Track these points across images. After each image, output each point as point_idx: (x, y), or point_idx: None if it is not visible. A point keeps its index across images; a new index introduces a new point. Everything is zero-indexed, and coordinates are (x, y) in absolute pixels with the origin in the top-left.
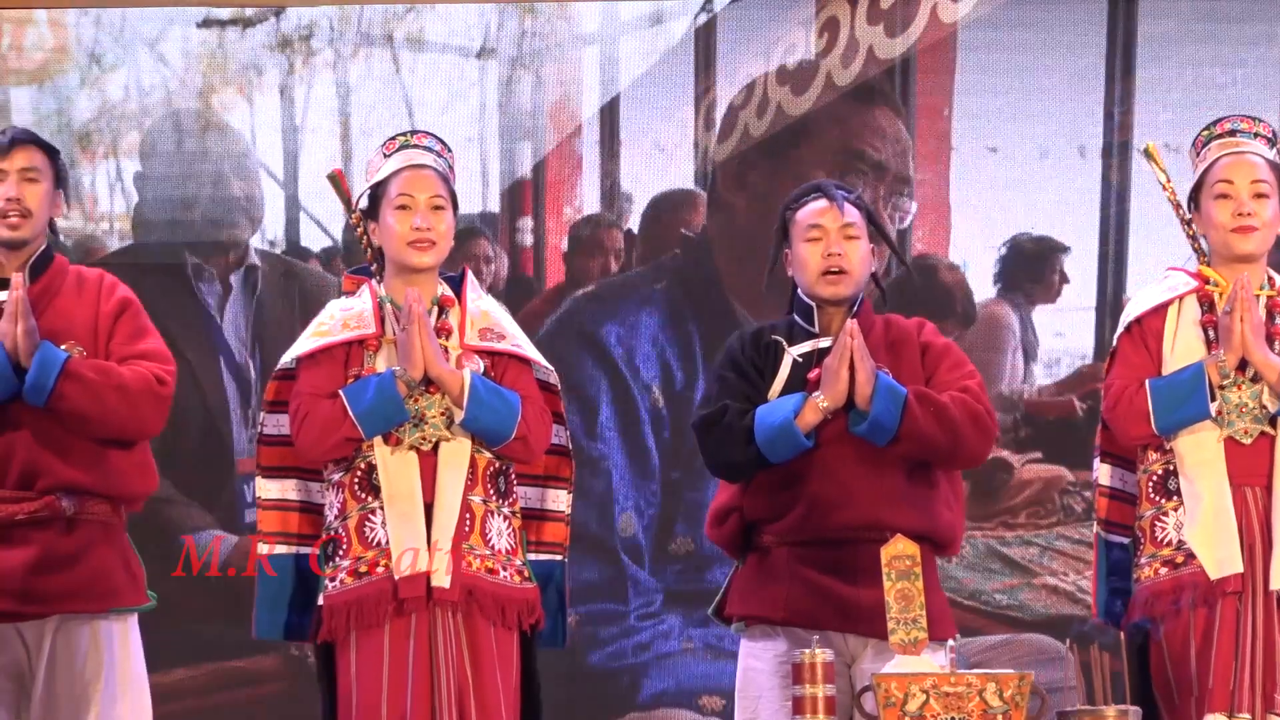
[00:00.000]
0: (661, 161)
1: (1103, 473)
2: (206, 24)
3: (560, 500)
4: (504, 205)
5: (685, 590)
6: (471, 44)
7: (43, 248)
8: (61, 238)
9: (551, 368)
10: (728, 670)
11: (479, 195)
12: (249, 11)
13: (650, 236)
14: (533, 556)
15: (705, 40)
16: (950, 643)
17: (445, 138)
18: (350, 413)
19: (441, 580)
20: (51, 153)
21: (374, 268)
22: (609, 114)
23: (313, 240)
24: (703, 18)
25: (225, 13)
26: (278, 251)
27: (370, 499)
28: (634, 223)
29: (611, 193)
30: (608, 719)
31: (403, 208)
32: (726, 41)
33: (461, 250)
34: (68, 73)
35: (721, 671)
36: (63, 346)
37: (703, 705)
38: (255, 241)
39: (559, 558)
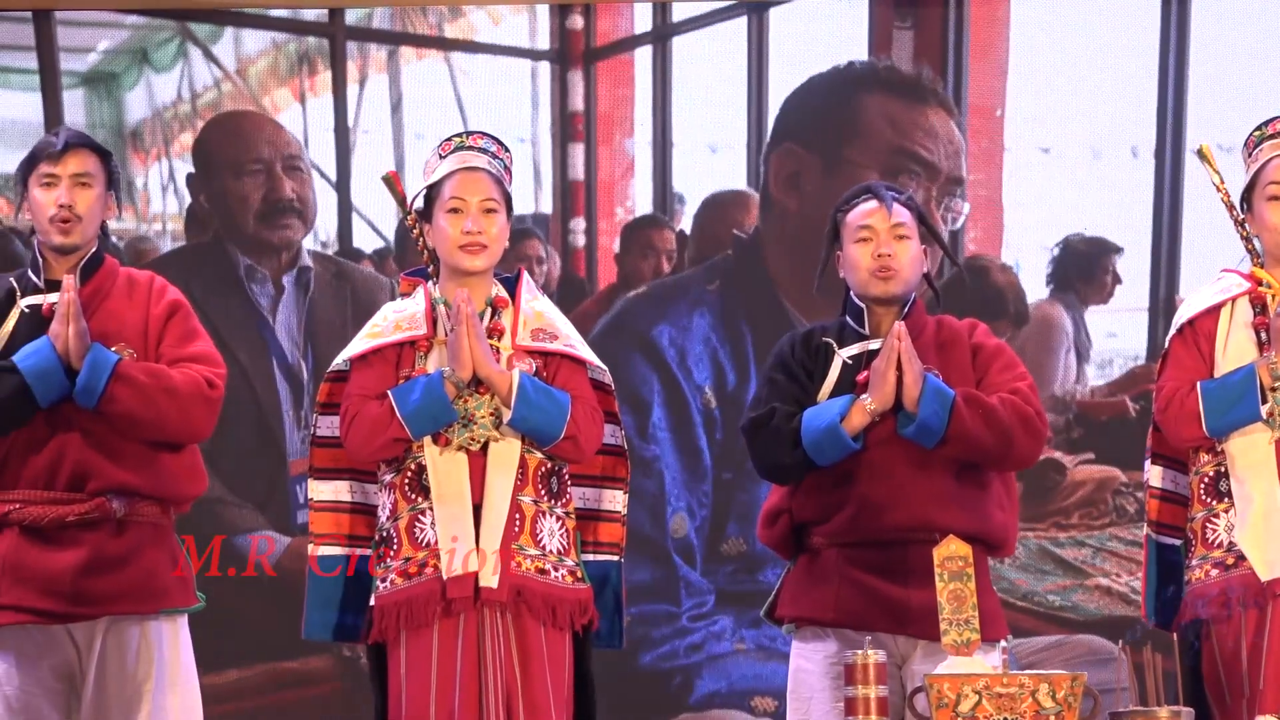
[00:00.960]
0: (713, 162)
1: (1154, 474)
2: (259, 24)
3: (616, 501)
4: (556, 206)
5: (737, 591)
6: (525, 44)
7: (94, 250)
8: (114, 239)
9: (605, 368)
10: (780, 671)
11: (531, 196)
12: (303, 12)
13: (702, 237)
14: (588, 557)
15: (758, 40)
16: (1003, 643)
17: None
18: (398, 413)
19: (489, 580)
20: (104, 156)
21: (430, 269)
22: (661, 114)
23: (365, 241)
24: (756, 18)
25: (279, 13)
26: (330, 252)
27: (420, 499)
28: (686, 223)
29: (663, 193)
30: (660, 719)
31: (455, 210)
32: (780, 41)
33: (514, 251)
34: (120, 74)
35: (774, 672)
36: (113, 349)
37: (755, 706)
38: (308, 243)
39: (615, 558)
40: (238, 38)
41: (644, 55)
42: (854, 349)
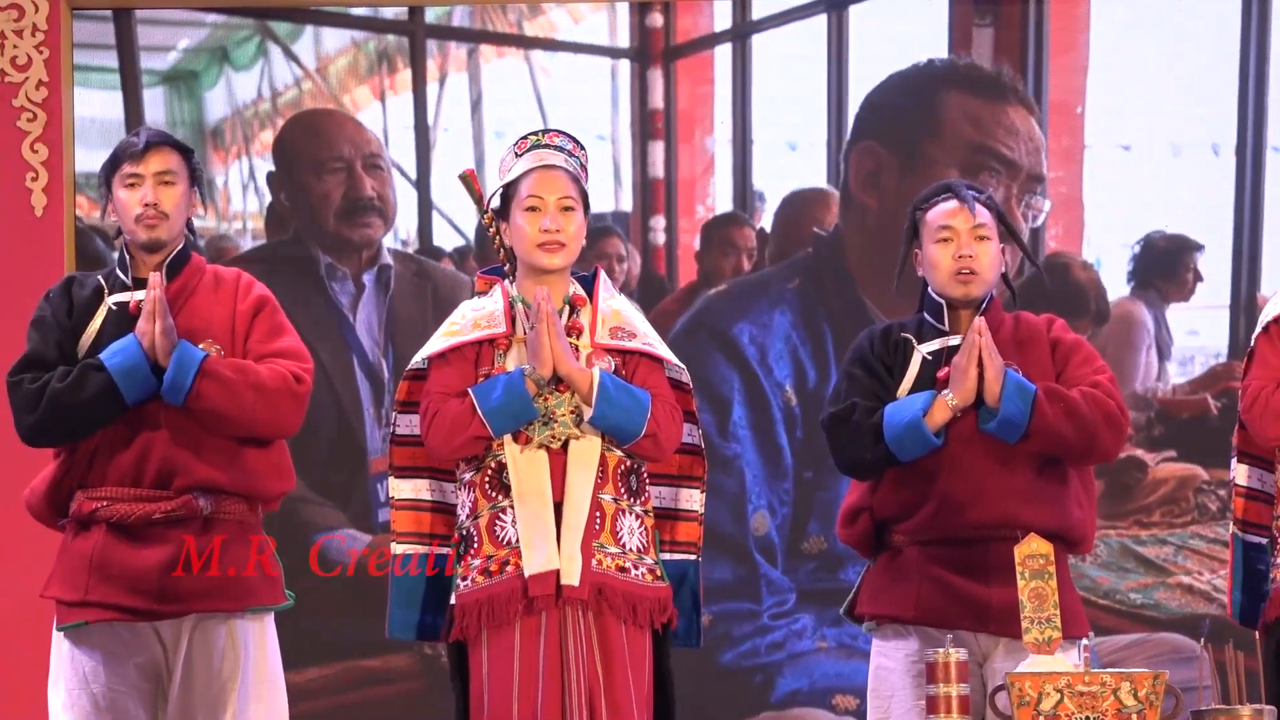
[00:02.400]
0: (793, 159)
1: (1240, 473)
2: (339, 23)
3: (694, 500)
4: (636, 204)
5: (818, 589)
6: (605, 42)
7: (180, 247)
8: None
9: (683, 366)
10: (861, 669)
11: (611, 194)
12: (383, 11)
13: (782, 235)
14: (666, 556)
15: (838, 37)
16: (1084, 641)
17: (578, 136)
18: (478, 411)
19: (571, 578)
20: (187, 154)
21: (506, 268)
22: (741, 112)
23: (445, 239)
24: (835, 15)
25: (359, 12)
26: (410, 251)
27: (501, 498)
28: (766, 221)
29: (744, 191)
30: (741, 718)
31: (532, 209)
32: (859, 38)
33: (594, 249)
34: (200, 72)
35: (856, 671)
36: (200, 345)
37: (836, 704)
38: (388, 241)
39: (693, 557)
40: (317, 36)
41: (724, 53)
42: (934, 344)
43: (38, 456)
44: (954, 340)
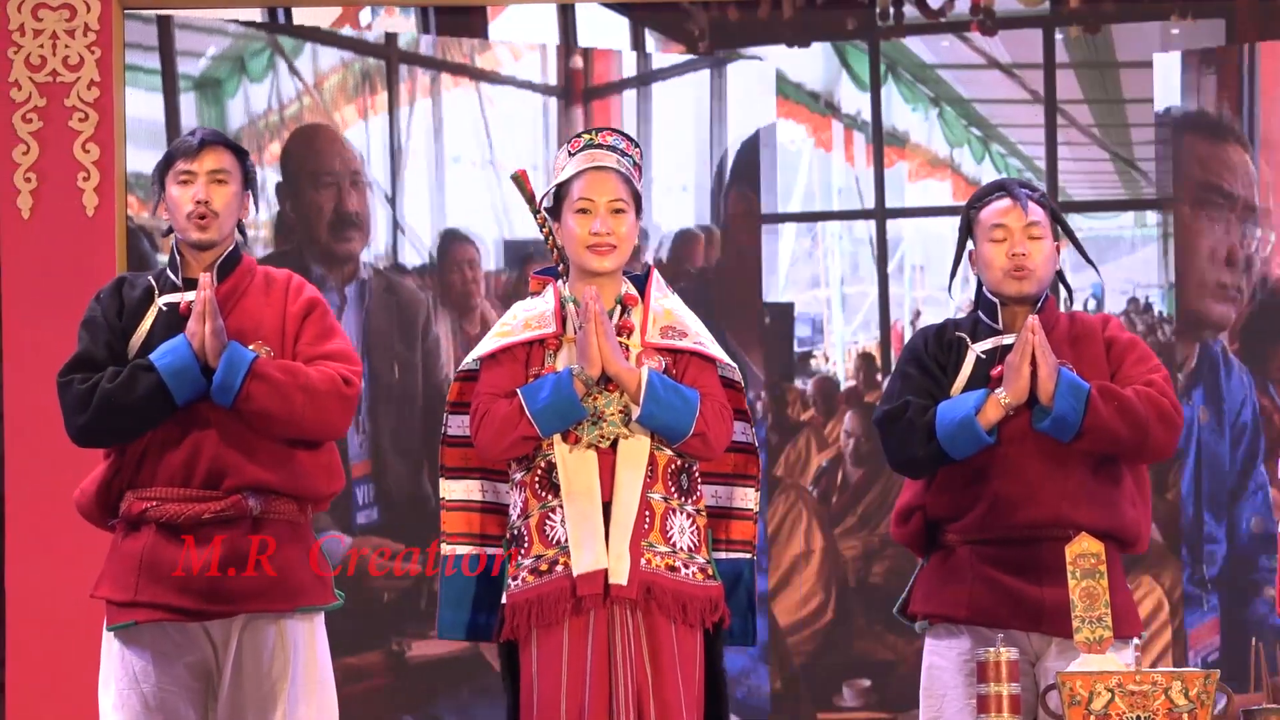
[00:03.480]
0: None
1: None
2: (330, 41)
3: (748, 498)
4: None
5: None
6: (538, 79)
7: (230, 248)
8: None
9: (735, 365)
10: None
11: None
12: (366, 34)
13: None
14: (720, 555)
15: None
16: (1136, 641)
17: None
18: (527, 411)
19: (619, 578)
20: (241, 155)
21: (560, 268)
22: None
23: (410, 257)
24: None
25: (347, 30)
26: (382, 266)
27: (550, 497)
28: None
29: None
30: (815, 713)
31: (583, 211)
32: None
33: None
34: (224, 80)
35: None
36: (250, 346)
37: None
38: (365, 256)
39: (747, 556)
40: (315, 53)
41: (630, 97)
42: (987, 343)
43: (88, 457)
44: (1008, 339)
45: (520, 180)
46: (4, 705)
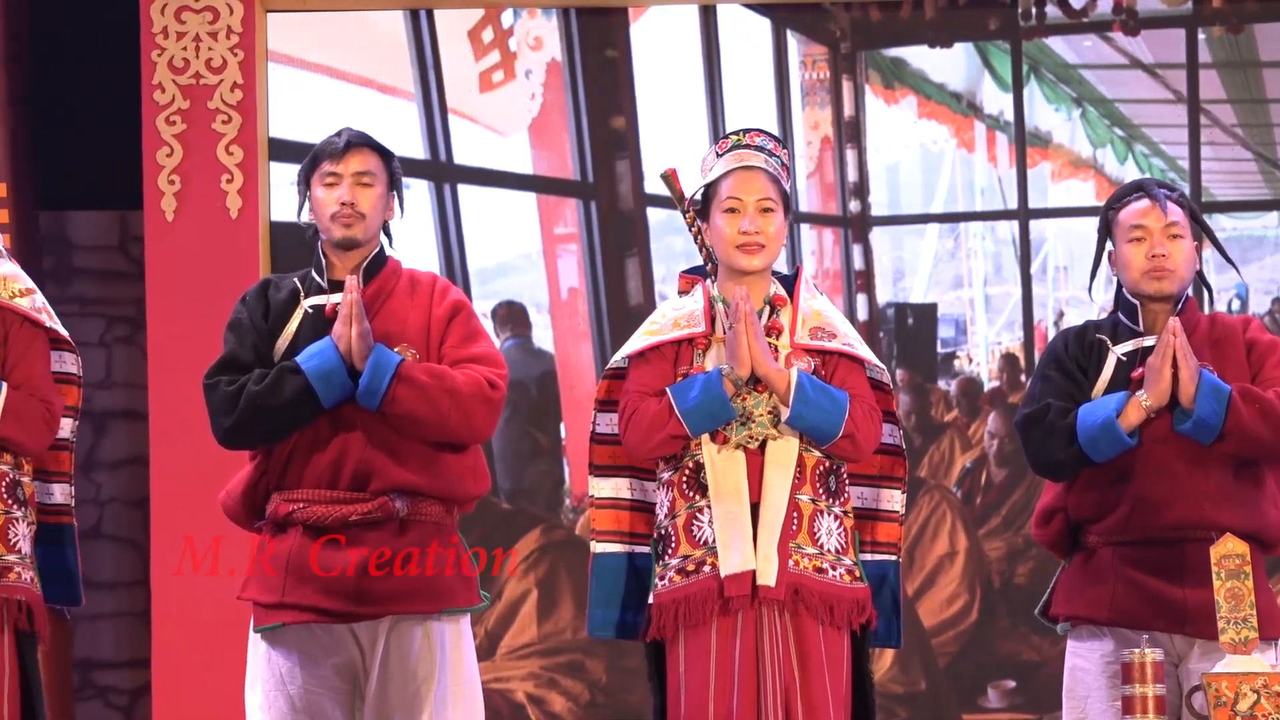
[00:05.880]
0: None
1: None
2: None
3: (894, 500)
4: None
5: None
6: None
7: (376, 250)
8: None
9: (884, 366)
10: None
11: None
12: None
13: None
14: (866, 557)
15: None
16: (1278, 642)
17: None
18: (676, 410)
19: (767, 579)
20: (387, 156)
21: (709, 267)
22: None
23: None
24: None
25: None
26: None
27: (698, 497)
28: None
29: None
30: (960, 714)
31: (731, 210)
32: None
33: None
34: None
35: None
36: (396, 349)
37: None
38: None
39: (893, 558)
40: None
41: None
42: (1128, 345)
43: (233, 459)
44: (1148, 341)
45: (670, 179)
46: (151, 707)
